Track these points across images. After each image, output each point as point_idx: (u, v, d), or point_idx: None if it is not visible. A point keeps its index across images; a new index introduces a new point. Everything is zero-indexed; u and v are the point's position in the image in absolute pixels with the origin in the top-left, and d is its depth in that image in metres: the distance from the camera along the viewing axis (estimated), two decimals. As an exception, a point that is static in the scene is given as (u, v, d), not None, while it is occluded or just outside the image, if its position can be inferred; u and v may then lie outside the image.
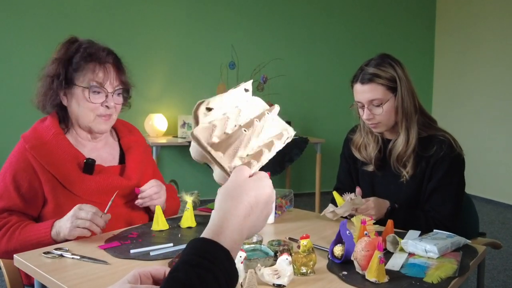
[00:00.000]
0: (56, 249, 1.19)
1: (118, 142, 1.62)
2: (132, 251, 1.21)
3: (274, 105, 0.77)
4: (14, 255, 1.17)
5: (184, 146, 4.18)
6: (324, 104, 5.23)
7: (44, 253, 1.17)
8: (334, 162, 2.32)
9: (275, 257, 1.12)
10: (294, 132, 0.79)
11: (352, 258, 1.09)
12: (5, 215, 1.34)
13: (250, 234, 0.65)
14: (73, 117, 1.47)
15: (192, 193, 1.49)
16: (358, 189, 1.58)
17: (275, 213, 1.57)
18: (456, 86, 5.65)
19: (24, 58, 3.88)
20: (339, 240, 1.18)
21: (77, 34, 1.50)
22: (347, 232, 1.16)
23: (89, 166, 1.43)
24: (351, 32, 5.37)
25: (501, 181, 5.06)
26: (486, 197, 5.12)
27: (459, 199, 1.61)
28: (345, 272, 1.10)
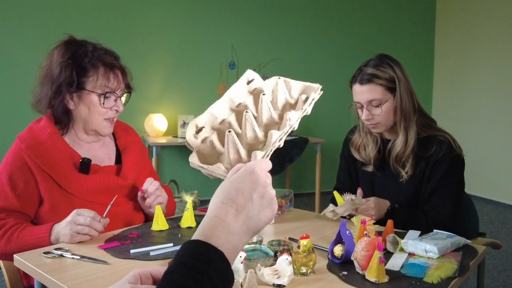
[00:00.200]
0: (56, 249, 1.19)
1: (115, 142, 1.62)
2: (132, 251, 1.21)
3: (277, 78, 0.77)
4: (14, 255, 1.17)
5: (184, 146, 4.17)
6: (324, 104, 5.18)
7: (44, 253, 1.17)
8: (334, 162, 2.32)
9: (275, 257, 1.12)
10: (319, 87, 0.77)
11: (352, 258, 1.09)
12: (3, 216, 1.34)
13: (253, 228, 0.62)
14: (78, 120, 1.46)
15: (192, 193, 1.49)
16: (359, 190, 1.58)
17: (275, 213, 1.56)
18: (456, 87, 5.65)
19: (21, 58, 3.87)
20: (339, 240, 1.18)
21: (77, 34, 1.49)
22: (347, 232, 1.16)
23: (85, 166, 1.43)
24: (351, 32, 5.37)
25: (501, 181, 5.06)
26: (486, 197, 5.12)
27: (459, 199, 1.61)
28: (345, 272, 1.10)
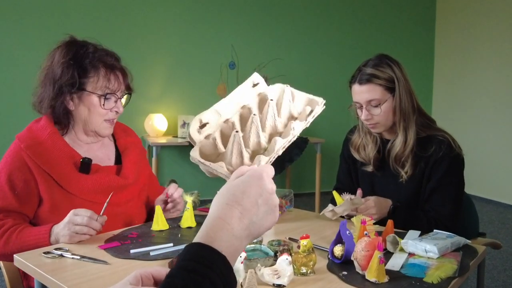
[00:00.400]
0: (56, 249, 1.19)
1: (114, 143, 1.62)
2: (132, 251, 1.21)
3: (285, 86, 0.78)
4: (14, 255, 1.17)
5: (184, 146, 4.18)
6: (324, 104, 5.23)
7: (44, 253, 1.17)
8: (334, 162, 2.32)
9: (275, 257, 1.12)
10: (323, 101, 0.78)
11: (352, 258, 1.09)
12: (1, 217, 1.33)
13: (254, 233, 0.62)
14: (78, 120, 1.46)
15: (192, 193, 1.49)
16: (359, 191, 1.58)
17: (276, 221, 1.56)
18: (456, 88, 5.65)
19: (21, 58, 3.87)
20: (339, 240, 1.18)
21: (77, 34, 1.49)
22: (347, 232, 1.16)
23: (86, 165, 1.43)
24: (351, 33, 5.37)
25: (501, 181, 5.06)
26: (486, 197, 5.12)
27: (459, 199, 1.60)
28: (345, 272, 1.10)
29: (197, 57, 4.62)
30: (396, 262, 1.16)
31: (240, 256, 1.00)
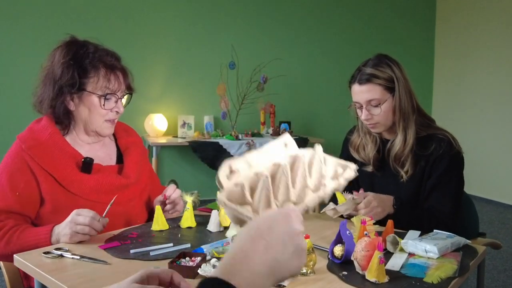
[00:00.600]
0: (56, 249, 1.19)
1: (115, 143, 1.62)
2: (132, 251, 1.21)
3: (316, 147, 0.78)
4: (14, 255, 1.17)
5: (184, 146, 4.18)
6: (324, 104, 5.23)
7: (44, 253, 1.17)
8: (334, 162, 2.31)
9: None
10: (354, 167, 0.80)
11: (352, 258, 1.09)
12: (2, 218, 1.33)
13: (277, 274, 0.58)
14: (78, 121, 1.46)
15: (192, 193, 1.49)
16: (361, 191, 1.58)
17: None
18: (456, 88, 5.64)
19: (21, 58, 3.87)
20: (339, 240, 1.18)
21: (77, 34, 1.48)
22: (347, 232, 1.16)
23: (87, 165, 1.43)
24: (351, 33, 5.36)
25: (501, 181, 5.06)
26: (486, 197, 5.12)
27: (458, 197, 1.60)
28: (345, 272, 1.10)
29: (197, 57, 4.62)
30: (396, 262, 1.16)
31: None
